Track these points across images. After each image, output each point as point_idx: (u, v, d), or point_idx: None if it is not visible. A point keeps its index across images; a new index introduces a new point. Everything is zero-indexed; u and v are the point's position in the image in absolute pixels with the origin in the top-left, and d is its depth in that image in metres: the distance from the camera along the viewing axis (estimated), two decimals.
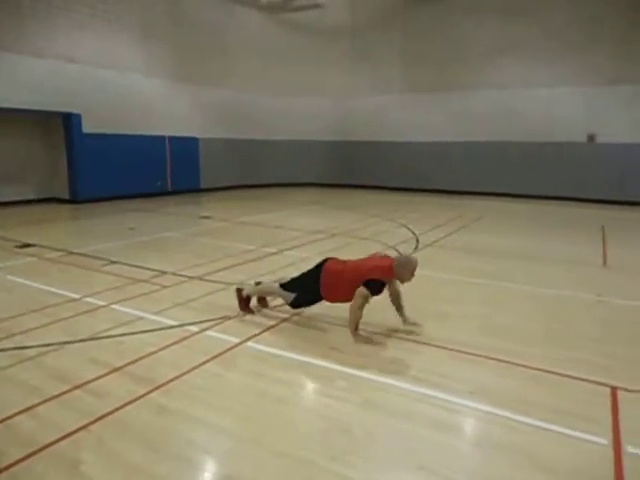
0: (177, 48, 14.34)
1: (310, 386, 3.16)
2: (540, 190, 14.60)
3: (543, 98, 14.46)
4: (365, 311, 3.78)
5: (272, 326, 4.06)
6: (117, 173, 12.82)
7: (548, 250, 7.42)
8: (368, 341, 3.75)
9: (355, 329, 3.79)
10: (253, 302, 4.46)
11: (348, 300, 3.81)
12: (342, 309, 3.95)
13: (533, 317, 4.45)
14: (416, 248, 7.27)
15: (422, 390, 3.03)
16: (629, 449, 2.45)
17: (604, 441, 2.51)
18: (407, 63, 16.37)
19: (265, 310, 4.43)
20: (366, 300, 3.71)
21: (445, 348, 3.68)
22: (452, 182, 16.01)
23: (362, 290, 3.65)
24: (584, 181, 14.06)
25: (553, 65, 14.24)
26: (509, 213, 11.95)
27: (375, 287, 3.69)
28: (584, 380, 3.18)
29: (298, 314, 4.32)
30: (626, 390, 3.05)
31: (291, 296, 4.07)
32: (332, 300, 4.00)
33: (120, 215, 10.48)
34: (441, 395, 2.97)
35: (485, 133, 15.39)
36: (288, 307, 4.20)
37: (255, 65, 16.66)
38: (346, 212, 11.45)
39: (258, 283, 4.51)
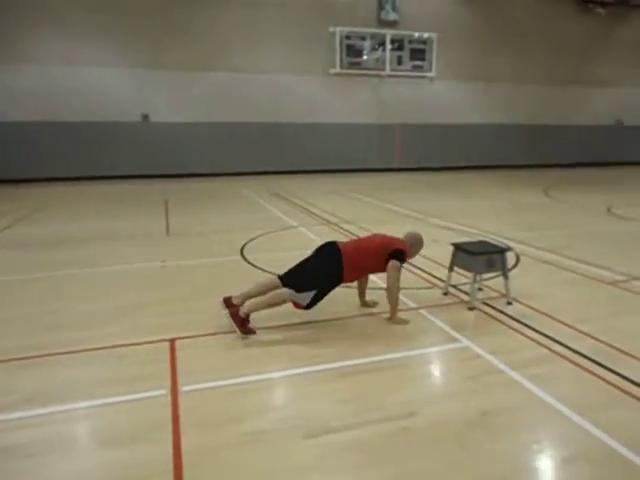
0: None
1: None
2: (100, 171, 14.61)
3: (96, 77, 14.27)
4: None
5: None
6: None
7: (119, 228, 7.52)
8: (405, 322, 3.72)
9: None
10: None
11: (368, 273, 3.94)
12: None
13: (102, 298, 4.39)
14: None
15: None
16: (184, 389, 2.77)
17: (163, 391, 2.74)
18: None
19: None
20: (400, 272, 3.73)
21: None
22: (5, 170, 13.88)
23: (396, 263, 3.68)
24: (142, 158, 14.98)
25: (101, 45, 14.20)
26: (77, 198, 11.39)
27: (403, 257, 3.75)
28: (146, 343, 3.37)
29: None
30: (182, 338, 3.44)
31: (309, 296, 3.57)
32: (353, 280, 3.92)
33: None
34: None
35: (38, 113, 13.98)
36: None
37: None
38: None
39: (227, 300, 3.65)
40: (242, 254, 5.83)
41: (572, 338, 3.44)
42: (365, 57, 16.86)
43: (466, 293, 4.24)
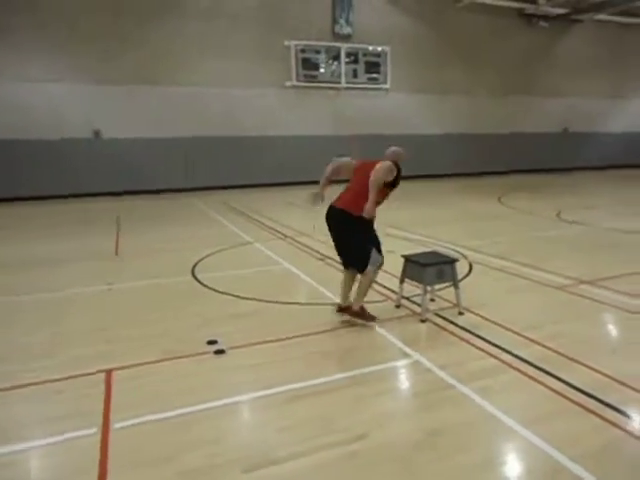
0: None
1: None
2: (51, 190, 14.01)
3: (47, 93, 13.74)
4: None
5: None
6: None
7: (64, 250, 7.15)
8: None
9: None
10: None
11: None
12: None
13: (38, 327, 4.11)
14: None
15: None
16: (116, 426, 2.57)
17: (93, 430, 2.53)
18: None
19: None
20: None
21: None
22: None
23: (389, 165, 3.76)
24: (94, 176, 14.47)
25: (52, 61, 13.70)
26: (21, 219, 10.82)
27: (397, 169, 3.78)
28: (80, 376, 3.14)
29: None
30: (120, 368, 3.22)
31: (376, 256, 3.79)
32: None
33: None
34: None
35: None
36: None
37: None
38: None
39: (339, 308, 3.98)
40: (193, 274, 5.62)
41: (521, 346, 3.43)
42: (322, 70, 16.96)
43: (418, 305, 4.20)
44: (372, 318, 3.89)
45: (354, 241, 3.79)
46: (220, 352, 3.42)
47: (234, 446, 2.39)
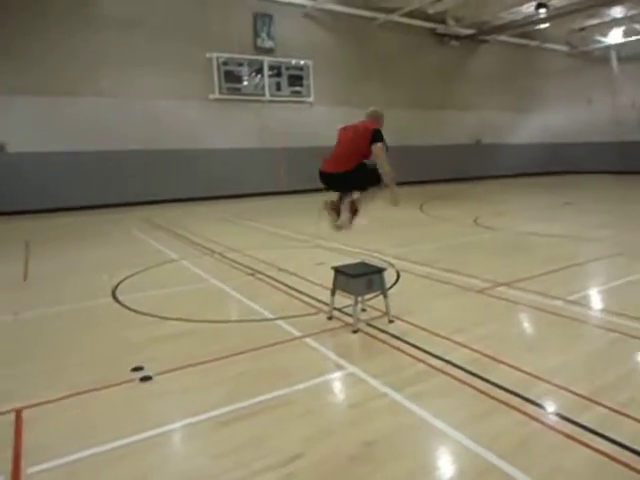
0: None
1: None
2: None
3: None
4: None
5: None
6: None
7: None
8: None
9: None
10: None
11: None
12: None
13: None
14: None
15: None
16: (29, 471, 2.32)
17: (0, 478, 2.27)
18: None
19: None
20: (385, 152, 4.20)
21: None
22: None
23: (381, 145, 4.27)
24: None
25: None
26: None
27: (381, 135, 4.35)
28: None
29: None
30: (31, 406, 2.93)
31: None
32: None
33: None
34: None
35: None
36: None
37: None
38: None
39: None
40: (114, 296, 5.30)
41: (449, 350, 3.56)
42: (245, 83, 16.88)
43: (350, 315, 4.24)
44: (350, 221, 4.54)
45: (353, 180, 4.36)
46: (146, 379, 3.23)
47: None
